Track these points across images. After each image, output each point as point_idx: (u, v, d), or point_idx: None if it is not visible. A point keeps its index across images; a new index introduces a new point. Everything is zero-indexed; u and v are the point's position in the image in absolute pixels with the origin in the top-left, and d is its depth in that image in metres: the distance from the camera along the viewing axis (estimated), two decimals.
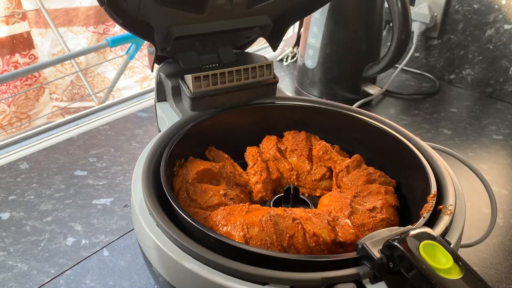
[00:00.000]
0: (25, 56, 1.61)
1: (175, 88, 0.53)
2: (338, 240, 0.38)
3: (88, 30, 1.68)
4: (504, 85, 0.91)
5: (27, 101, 1.68)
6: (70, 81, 1.74)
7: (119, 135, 0.75)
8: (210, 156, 0.53)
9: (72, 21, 1.65)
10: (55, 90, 1.75)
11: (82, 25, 1.67)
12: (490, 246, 0.54)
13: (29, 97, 1.68)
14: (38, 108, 1.71)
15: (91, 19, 1.67)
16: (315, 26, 0.83)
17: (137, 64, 1.82)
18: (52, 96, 1.76)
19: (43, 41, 1.64)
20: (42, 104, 1.73)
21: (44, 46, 1.65)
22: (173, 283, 0.36)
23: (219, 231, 0.38)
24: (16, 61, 1.59)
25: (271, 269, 0.32)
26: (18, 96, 1.63)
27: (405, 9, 0.73)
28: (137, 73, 1.85)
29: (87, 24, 1.68)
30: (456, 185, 0.42)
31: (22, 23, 1.57)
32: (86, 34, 1.69)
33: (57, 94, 1.76)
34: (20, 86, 1.63)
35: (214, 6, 0.50)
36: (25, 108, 1.67)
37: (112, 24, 1.72)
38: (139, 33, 0.50)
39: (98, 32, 1.71)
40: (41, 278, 0.49)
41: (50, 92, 1.75)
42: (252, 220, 0.38)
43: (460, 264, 0.29)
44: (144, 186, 0.40)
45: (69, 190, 0.62)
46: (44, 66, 1.44)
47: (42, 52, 1.65)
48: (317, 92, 0.88)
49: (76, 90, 1.76)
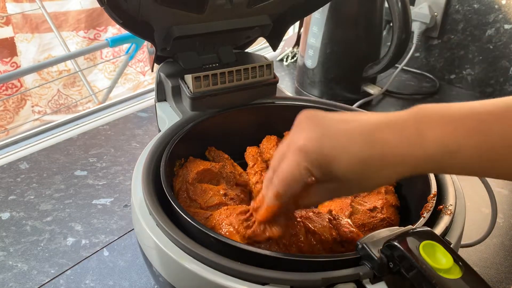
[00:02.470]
0: (7, 64, 1.49)
1: (175, 88, 0.53)
2: (339, 238, 0.38)
3: (78, 35, 1.58)
4: (504, 85, 0.90)
5: (6, 113, 1.52)
6: (56, 90, 1.61)
7: (119, 135, 0.75)
8: (210, 156, 0.53)
9: (61, 26, 1.55)
10: (38, 101, 1.60)
11: (72, 29, 1.57)
12: (490, 246, 0.54)
13: (8, 108, 1.52)
14: (18, 121, 1.55)
15: (81, 23, 1.57)
16: (315, 26, 0.83)
17: (130, 71, 1.73)
18: (34, 108, 1.60)
19: (28, 47, 1.52)
20: (22, 118, 1.57)
21: (29, 53, 1.53)
22: (173, 283, 0.36)
23: (222, 231, 0.38)
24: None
25: (271, 269, 0.32)
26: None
27: (405, 9, 0.73)
28: (130, 80, 1.75)
29: (77, 29, 1.58)
30: (456, 185, 0.42)
31: (5, 28, 1.46)
32: (76, 40, 1.59)
33: (40, 107, 1.60)
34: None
35: (214, 6, 0.50)
36: (3, 121, 1.52)
37: (103, 29, 1.63)
38: (139, 33, 0.50)
39: (89, 38, 1.61)
40: (41, 278, 0.49)
41: (32, 104, 1.59)
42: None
43: (460, 264, 0.29)
44: (144, 186, 0.40)
45: (69, 190, 0.62)
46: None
47: (26, 59, 1.52)
48: (317, 92, 0.88)
49: (62, 100, 1.62)
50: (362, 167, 0.31)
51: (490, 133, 0.29)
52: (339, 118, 0.32)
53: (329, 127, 0.31)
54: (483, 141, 0.29)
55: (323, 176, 0.31)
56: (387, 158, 0.30)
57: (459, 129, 0.30)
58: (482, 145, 0.29)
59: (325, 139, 0.31)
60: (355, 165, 0.31)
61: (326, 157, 0.31)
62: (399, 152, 0.30)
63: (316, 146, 0.31)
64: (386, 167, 0.31)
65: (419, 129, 0.30)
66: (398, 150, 0.30)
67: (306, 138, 0.31)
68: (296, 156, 0.31)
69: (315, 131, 0.31)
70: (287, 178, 0.32)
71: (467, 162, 0.30)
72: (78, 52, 1.40)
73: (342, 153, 0.30)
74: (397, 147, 0.30)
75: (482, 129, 0.29)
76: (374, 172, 0.31)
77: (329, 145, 0.31)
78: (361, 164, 0.31)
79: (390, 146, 0.30)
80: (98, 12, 1.59)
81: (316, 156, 0.31)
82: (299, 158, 0.31)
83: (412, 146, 0.30)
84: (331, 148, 0.31)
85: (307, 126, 0.32)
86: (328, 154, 0.31)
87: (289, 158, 0.32)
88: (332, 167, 0.31)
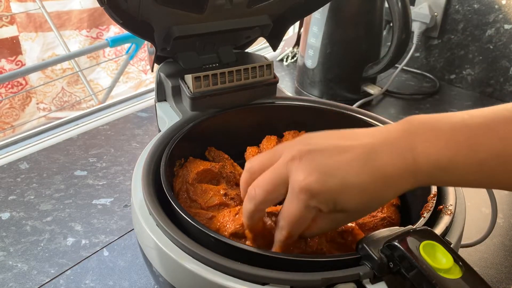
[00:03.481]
0: (12, 62, 1.53)
1: (175, 88, 0.53)
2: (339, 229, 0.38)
3: (81, 34, 1.61)
4: (505, 85, 0.91)
5: (12, 110, 1.57)
6: (60, 88, 1.64)
7: (119, 135, 0.75)
8: (210, 156, 0.53)
9: (64, 25, 1.58)
10: (42, 99, 1.64)
11: (74, 28, 1.60)
12: (490, 246, 0.54)
13: (14, 105, 1.57)
14: (23, 118, 1.60)
15: (84, 22, 1.60)
16: (315, 26, 0.83)
17: (132, 69, 1.76)
18: (39, 105, 1.64)
19: (33, 46, 1.55)
20: (28, 115, 1.62)
21: (34, 51, 1.56)
22: (173, 283, 0.36)
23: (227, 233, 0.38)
24: (2, 67, 1.50)
25: (271, 269, 0.32)
26: (2, 104, 1.52)
27: (405, 9, 0.73)
28: (132, 79, 1.78)
29: (80, 28, 1.60)
30: None
31: (10, 27, 1.49)
32: (78, 38, 1.62)
33: (44, 104, 1.65)
34: (4, 93, 1.53)
35: (214, 6, 0.50)
36: (9, 118, 1.57)
37: (105, 29, 1.65)
38: (139, 33, 0.50)
39: (91, 37, 1.64)
40: (41, 278, 0.49)
41: (37, 102, 1.64)
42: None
43: (460, 264, 0.29)
44: (144, 186, 0.40)
45: (69, 190, 0.62)
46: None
47: (30, 57, 1.56)
48: (317, 92, 0.88)
49: (66, 98, 1.66)
50: (367, 196, 0.31)
51: (479, 149, 0.29)
52: (333, 147, 0.32)
53: (326, 163, 0.31)
54: (473, 156, 0.29)
55: (331, 210, 0.32)
56: (388, 179, 0.31)
57: (449, 144, 0.30)
58: (473, 160, 0.29)
59: (325, 177, 0.31)
60: (360, 196, 0.31)
61: (330, 194, 0.31)
62: (397, 171, 0.31)
63: (320, 185, 0.30)
64: (389, 187, 0.31)
65: (411, 144, 0.30)
66: (396, 169, 0.31)
67: (306, 178, 0.31)
68: (301, 197, 0.31)
69: (314, 170, 0.31)
70: (297, 219, 0.32)
71: (461, 175, 0.30)
72: (79, 52, 1.40)
73: (345, 188, 0.31)
74: (394, 165, 0.31)
75: (471, 143, 0.30)
76: (379, 196, 0.31)
77: (331, 183, 0.30)
78: (365, 193, 0.31)
79: (388, 167, 0.31)
80: (100, 11, 1.60)
81: (322, 195, 0.31)
82: (306, 199, 0.31)
83: (407, 163, 0.30)
84: (333, 184, 0.31)
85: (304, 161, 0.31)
86: (332, 190, 0.31)
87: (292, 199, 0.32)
88: (339, 201, 0.31)
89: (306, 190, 0.31)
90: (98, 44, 1.38)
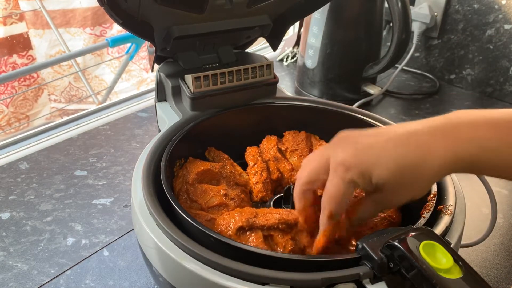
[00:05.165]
0: (23, 57, 1.60)
1: (175, 88, 0.53)
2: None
3: (85, 31, 1.67)
4: (504, 85, 0.91)
5: (26, 102, 1.66)
6: (68, 83, 1.73)
7: (119, 135, 0.75)
8: (210, 157, 0.53)
9: (69, 22, 1.64)
10: (53, 91, 1.74)
11: (79, 26, 1.66)
12: (490, 246, 0.54)
13: (27, 97, 1.67)
14: (37, 108, 1.71)
15: (88, 20, 1.65)
16: (315, 26, 0.83)
17: (134, 67, 1.80)
18: (50, 97, 1.76)
19: (41, 42, 1.62)
20: (41, 105, 1.72)
21: (42, 47, 1.63)
22: (173, 283, 0.36)
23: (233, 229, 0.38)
24: (14, 62, 1.57)
25: (271, 269, 0.32)
26: (17, 97, 1.62)
27: (405, 9, 0.73)
28: (134, 77, 1.83)
29: (84, 26, 1.66)
30: (456, 185, 0.42)
31: (19, 24, 1.56)
32: (83, 36, 1.68)
33: (55, 95, 1.75)
34: (18, 87, 1.62)
35: (214, 6, 0.50)
36: (23, 109, 1.66)
37: (109, 26, 1.70)
38: (139, 33, 0.50)
39: (95, 34, 1.69)
40: (41, 278, 0.49)
41: (49, 93, 1.75)
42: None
43: (460, 264, 0.29)
44: (144, 186, 0.40)
45: (69, 190, 0.62)
46: (42, 67, 1.43)
47: (39, 53, 1.64)
48: (317, 92, 0.88)
49: (74, 92, 1.75)
50: (400, 170, 0.32)
51: None
52: (372, 133, 0.34)
53: (362, 142, 0.34)
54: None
55: (367, 186, 0.33)
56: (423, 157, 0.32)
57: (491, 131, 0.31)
58: None
59: (361, 152, 0.33)
60: (393, 169, 0.32)
61: (366, 166, 0.32)
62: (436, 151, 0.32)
63: (355, 158, 0.33)
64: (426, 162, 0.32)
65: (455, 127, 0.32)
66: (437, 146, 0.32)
67: (343, 154, 0.33)
68: (338, 172, 0.33)
69: (351, 147, 0.33)
70: (336, 195, 0.34)
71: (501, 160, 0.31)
72: (79, 51, 1.41)
73: (380, 159, 0.32)
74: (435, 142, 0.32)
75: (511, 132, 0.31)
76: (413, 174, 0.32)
77: (367, 156, 0.33)
78: (398, 166, 0.32)
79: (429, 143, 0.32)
80: (103, 10, 1.62)
81: (356, 167, 0.33)
82: (342, 173, 0.33)
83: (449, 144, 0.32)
84: (368, 157, 0.33)
85: (342, 144, 0.34)
86: (366, 162, 0.32)
87: (332, 177, 0.34)
88: (373, 175, 0.32)
89: (342, 163, 0.33)
90: (99, 44, 1.38)
